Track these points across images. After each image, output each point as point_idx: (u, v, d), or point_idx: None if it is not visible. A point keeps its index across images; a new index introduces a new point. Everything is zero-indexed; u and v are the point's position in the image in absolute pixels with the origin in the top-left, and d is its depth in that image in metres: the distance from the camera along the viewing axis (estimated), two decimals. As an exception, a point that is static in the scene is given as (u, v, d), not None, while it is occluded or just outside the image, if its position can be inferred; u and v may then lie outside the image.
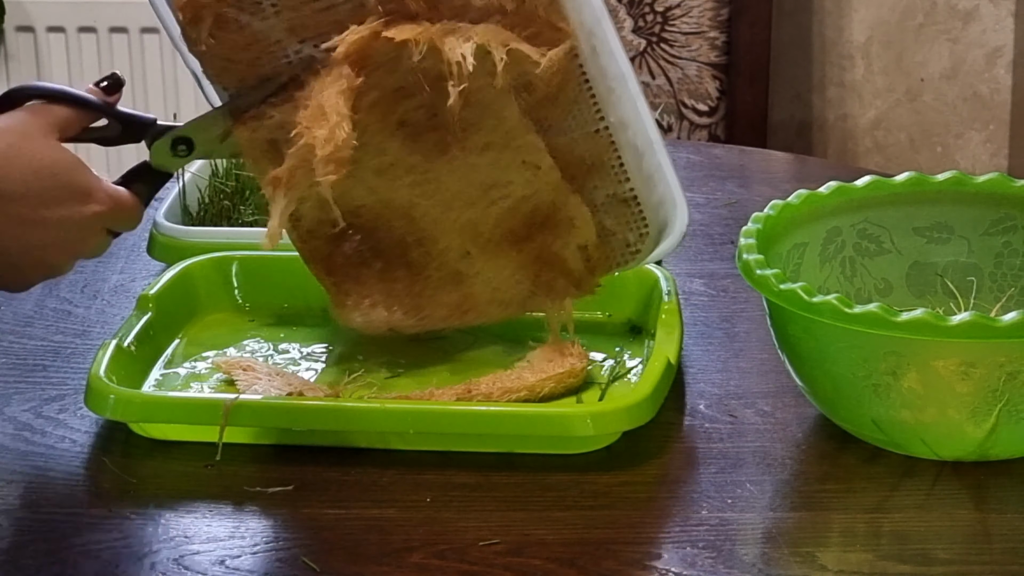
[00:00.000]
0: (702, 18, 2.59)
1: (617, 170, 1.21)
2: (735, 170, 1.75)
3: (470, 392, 1.15)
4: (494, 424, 1.11)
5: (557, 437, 1.11)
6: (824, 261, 1.22)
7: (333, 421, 1.12)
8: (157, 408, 1.14)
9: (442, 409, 1.12)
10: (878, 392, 1.07)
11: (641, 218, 1.21)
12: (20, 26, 2.72)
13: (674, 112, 2.61)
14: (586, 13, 1.18)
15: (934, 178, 1.24)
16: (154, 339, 1.24)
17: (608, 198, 1.21)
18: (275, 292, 1.32)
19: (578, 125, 1.20)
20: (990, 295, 1.24)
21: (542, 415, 1.12)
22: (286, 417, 1.12)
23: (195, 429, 1.12)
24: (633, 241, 1.22)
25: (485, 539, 1.02)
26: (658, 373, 1.14)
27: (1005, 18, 2.68)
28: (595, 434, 1.10)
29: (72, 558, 1.01)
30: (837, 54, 2.71)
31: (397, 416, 1.11)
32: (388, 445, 1.12)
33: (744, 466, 1.11)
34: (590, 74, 1.19)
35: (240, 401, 1.11)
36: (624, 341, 1.27)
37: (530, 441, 1.12)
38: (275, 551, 1.01)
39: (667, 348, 1.17)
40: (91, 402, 1.13)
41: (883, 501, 1.07)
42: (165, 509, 1.06)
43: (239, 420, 1.10)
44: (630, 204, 1.21)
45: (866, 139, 2.76)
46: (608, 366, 1.23)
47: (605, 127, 1.20)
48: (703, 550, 1.01)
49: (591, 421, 1.10)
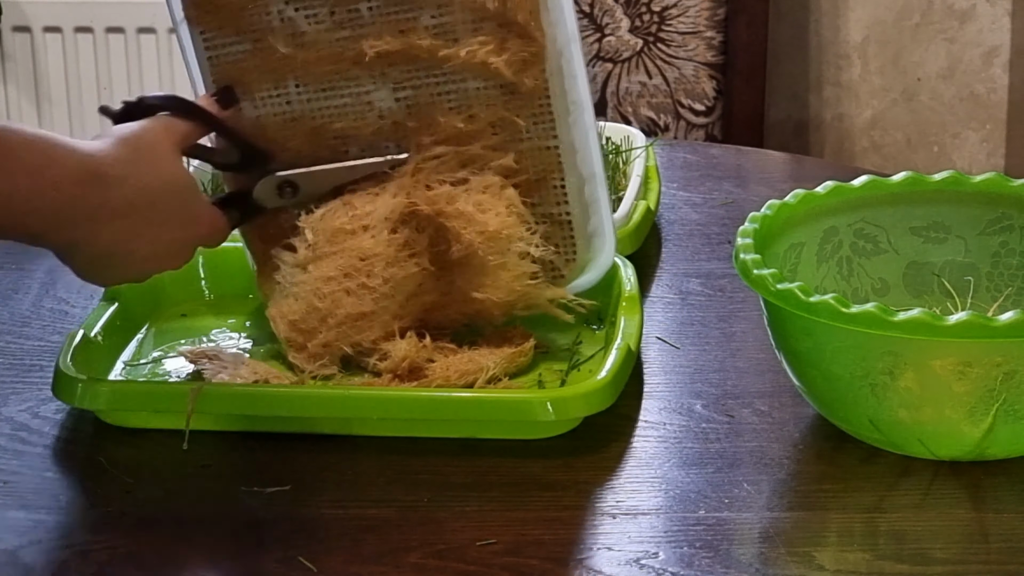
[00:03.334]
0: (699, 18, 2.59)
1: (558, 191, 1.23)
2: (732, 170, 1.75)
3: (426, 375, 1.18)
4: (457, 410, 1.13)
5: (518, 422, 1.13)
6: (821, 261, 1.22)
7: (300, 407, 1.13)
8: (125, 396, 1.15)
9: (406, 395, 1.14)
10: (875, 392, 1.07)
11: (571, 244, 1.24)
12: (17, 26, 2.72)
13: (671, 112, 2.62)
14: (560, 32, 1.20)
15: (931, 178, 1.24)
16: (120, 329, 1.25)
17: (544, 217, 1.23)
18: (241, 284, 1.33)
19: (534, 135, 1.22)
20: (987, 295, 1.24)
21: (503, 401, 1.14)
22: (251, 404, 1.14)
23: (162, 416, 1.14)
24: (560, 266, 1.25)
25: (483, 539, 1.02)
26: (619, 360, 1.15)
27: (1002, 17, 2.68)
28: (555, 419, 1.12)
29: (69, 559, 1.01)
30: (834, 54, 2.71)
31: (362, 402, 1.13)
32: (352, 431, 1.14)
33: (741, 466, 1.11)
34: (552, 91, 1.21)
35: (206, 388, 1.12)
36: (584, 329, 1.28)
37: (492, 426, 1.13)
38: (272, 551, 1.01)
39: (628, 336, 1.19)
40: (59, 391, 1.14)
41: (880, 501, 1.07)
42: (162, 510, 1.06)
43: (205, 407, 1.12)
44: (564, 227, 1.24)
45: (863, 139, 2.76)
46: (569, 354, 1.24)
47: (556, 145, 1.22)
48: (700, 550, 1.01)
49: (551, 406, 1.11)
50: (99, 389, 1.14)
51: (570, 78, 1.21)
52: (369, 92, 1.21)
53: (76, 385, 1.14)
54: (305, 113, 1.22)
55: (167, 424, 1.13)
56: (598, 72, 2.57)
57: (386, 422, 1.14)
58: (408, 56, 1.20)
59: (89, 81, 2.74)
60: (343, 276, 1.17)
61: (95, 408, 1.15)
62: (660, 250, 1.49)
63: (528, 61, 1.19)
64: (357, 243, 1.18)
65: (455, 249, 1.19)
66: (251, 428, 1.14)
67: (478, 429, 1.13)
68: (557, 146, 1.22)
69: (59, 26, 2.72)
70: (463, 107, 1.21)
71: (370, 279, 1.17)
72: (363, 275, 1.17)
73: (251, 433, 1.14)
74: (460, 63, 1.19)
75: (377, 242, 1.17)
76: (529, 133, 1.21)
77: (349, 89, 1.22)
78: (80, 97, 2.76)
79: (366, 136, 1.22)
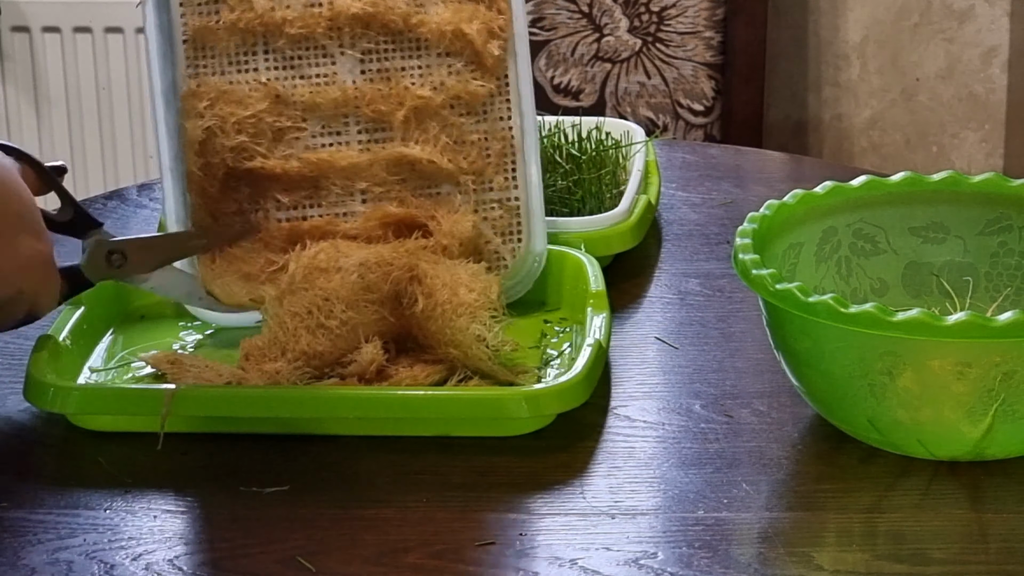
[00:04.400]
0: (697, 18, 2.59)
1: (510, 175, 1.26)
2: (731, 170, 1.75)
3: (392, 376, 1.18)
4: (431, 408, 1.14)
5: (493, 419, 1.14)
6: (820, 261, 1.22)
7: (275, 407, 1.13)
8: (97, 399, 1.15)
9: (380, 394, 1.15)
10: (874, 392, 1.07)
11: (518, 232, 1.27)
12: (15, 26, 2.72)
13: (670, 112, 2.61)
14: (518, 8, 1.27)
15: (930, 178, 1.24)
16: (87, 333, 1.25)
17: (496, 202, 1.26)
18: None
19: (494, 114, 1.26)
20: (986, 295, 1.24)
21: (478, 398, 1.14)
22: (227, 405, 1.14)
23: (134, 420, 1.14)
24: (505, 255, 1.27)
25: (481, 539, 1.02)
26: (592, 356, 1.16)
27: (1000, 18, 2.68)
28: (529, 416, 1.13)
29: (68, 559, 1.01)
30: (833, 54, 2.71)
31: (338, 401, 1.13)
32: (327, 431, 1.14)
33: (740, 466, 1.11)
34: (510, 74, 1.26)
35: (181, 390, 1.12)
36: (548, 328, 1.29)
37: (467, 424, 1.14)
38: (271, 551, 1.01)
39: (598, 332, 1.20)
40: (31, 395, 1.15)
41: (879, 501, 1.07)
42: (161, 510, 1.06)
43: (181, 409, 1.12)
44: (513, 214, 1.27)
45: (862, 139, 2.76)
46: (539, 352, 1.25)
47: (510, 127, 1.26)
48: (699, 550, 1.01)
49: (525, 403, 1.12)
50: (71, 392, 1.15)
51: (524, 64, 1.26)
52: (335, 63, 1.24)
53: (48, 389, 1.14)
54: (270, 80, 1.25)
55: (140, 427, 1.14)
56: (596, 72, 2.57)
57: (362, 421, 1.14)
58: (381, 22, 1.24)
59: (88, 81, 2.74)
60: (306, 313, 1.18)
61: (66, 412, 1.15)
62: (659, 250, 1.49)
63: (494, 33, 1.25)
64: (325, 282, 1.18)
65: (421, 306, 1.18)
66: (223, 429, 1.15)
67: (454, 427, 1.14)
68: (511, 128, 1.26)
69: (58, 26, 2.72)
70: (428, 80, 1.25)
71: (328, 319, 1.17)
72: (323, 315, 1.17)
73: (249, 433, 1.14)
74: (433, 29, 1.22)
75: (343, 284, 1.18)
76: (489, 110, 1.25)
77: (316, 59, 1.25)
78: (79, 97, 2.76)
79: (327, 108, 1.25)
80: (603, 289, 1.27)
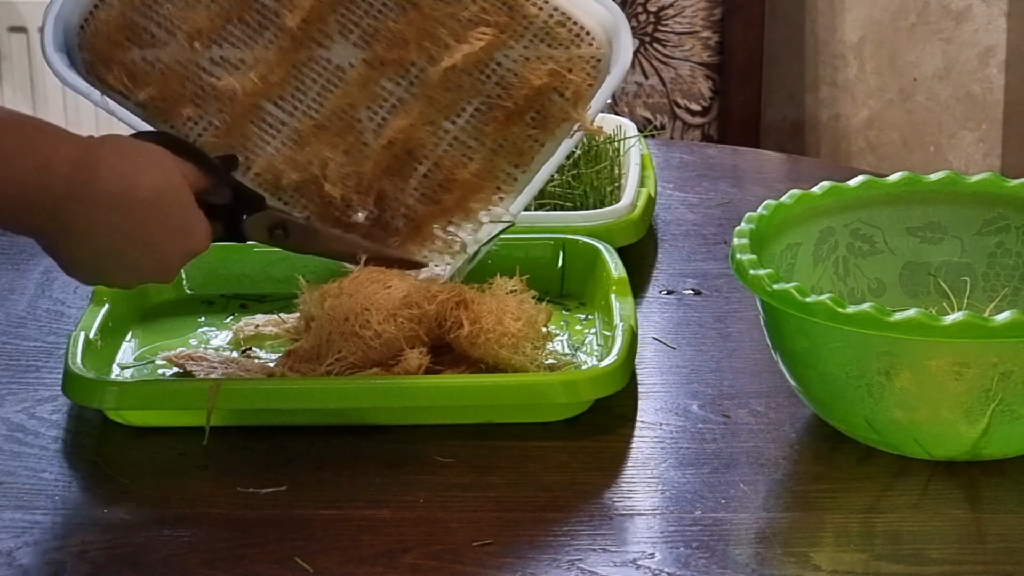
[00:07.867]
0: (695, 18, 2.59)
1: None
2: (728, 170, 1.75)
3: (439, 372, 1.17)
4: (469, 396, 1.14)
5: (530, 406, 1.14)
6: (817, 261, 1.22)
7: (324, 399, 1.14)
8: (139, 395, 1.15)
9: (420, 384, 1.14)
10: (871, 392, 1.07)
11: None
12: (13, 26, 2.72)
13: (667, 112, 2.62)
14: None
15: (927, 178, 1.24)
16: (113, 331, 1.25)
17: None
18: (221, 280, 1.34)
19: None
20: (983, 295, 1.24)
21: (515, 385, 1.15)
22: (271, 397, 1.14)
23: (169, 414, 1.14)
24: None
25: (479, 539, 1.02)
26: (627, 342, 1.17)
27: (997, 18, 2.68)
28: (566, 402, 1.14)
29: (66, 559, 1.01)
30: (830, 54, 2.72)
31: (384, 392, 1.14)
32: (364, 421, 1.15)
33: (738, 466, 1.11)
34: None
35: (225, 384, 1.12)
36: (569, 316, 1.29)
37: (504, 411, 1.14)
38: (269, 552, 1.01)
39: (628, 318, 1.21)
40: (72, 391, 1.14)
41: (877, 501, 1.07)
42: (158, 510, 1.06)
43: (226, 402, 1.12)
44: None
45: (859, 139, 2.76)
46: (563, 340, 1.25)
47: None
48: (697, 550, 1.01)
49: (562, 389, 1.13)
50: (109, 388, 1.15)
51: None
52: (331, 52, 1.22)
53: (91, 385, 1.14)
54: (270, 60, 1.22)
55: (181, 422, 1.13)
56: (594, 72, 2.57)
57: (405, 411, 1.15)
58: None
59: (85, 81, 2.74)
60: (343, 319, 1.17)
61: (107, 407, 1.15)
62: (656, 250, 1.49)
63: None
64: (371, 292, 1.17)
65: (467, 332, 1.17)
66: (265, 422, 1.15)
67: (492, 414, 1.15)
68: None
69: (55, 26, 2.72)
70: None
71: (363, 328, 1.17)
72: (359, 323, 1.17)
73: (249, 434, 1.14)
74: None
75: (387, 297, 1.17)
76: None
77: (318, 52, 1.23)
78: (76, 98, 2.75)
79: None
80: (624, 275, 1.28)
